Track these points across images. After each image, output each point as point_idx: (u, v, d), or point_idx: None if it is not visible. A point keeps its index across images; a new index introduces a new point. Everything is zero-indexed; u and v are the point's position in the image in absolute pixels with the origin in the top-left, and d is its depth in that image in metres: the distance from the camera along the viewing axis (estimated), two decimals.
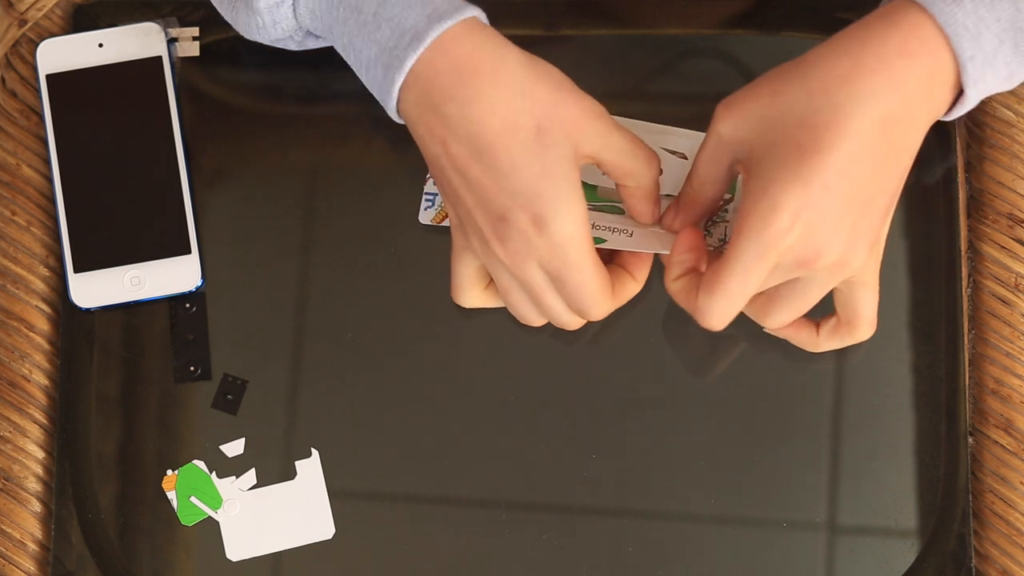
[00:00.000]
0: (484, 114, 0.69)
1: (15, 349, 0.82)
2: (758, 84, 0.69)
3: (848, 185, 0.66)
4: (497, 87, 0.69)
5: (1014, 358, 0.79)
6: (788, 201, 0.66)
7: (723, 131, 0.69)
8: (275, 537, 0.80)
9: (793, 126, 0.66)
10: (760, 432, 0.79)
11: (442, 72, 0.69)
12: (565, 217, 0.69)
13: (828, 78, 0.66)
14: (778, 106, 0.67)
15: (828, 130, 0.66)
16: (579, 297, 0.71)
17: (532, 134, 0.69)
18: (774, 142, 0.67)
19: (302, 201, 0.84)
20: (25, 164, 0.84)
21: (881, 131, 0.66)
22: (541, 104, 0.69)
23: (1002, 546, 0.78)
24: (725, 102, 0.69)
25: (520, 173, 0.69)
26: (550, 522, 0.79)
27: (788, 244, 0.67)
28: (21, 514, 0.81)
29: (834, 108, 0.66)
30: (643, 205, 0.73)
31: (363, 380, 0.81)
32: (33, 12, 0.86)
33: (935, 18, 0.66)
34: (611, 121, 0.71)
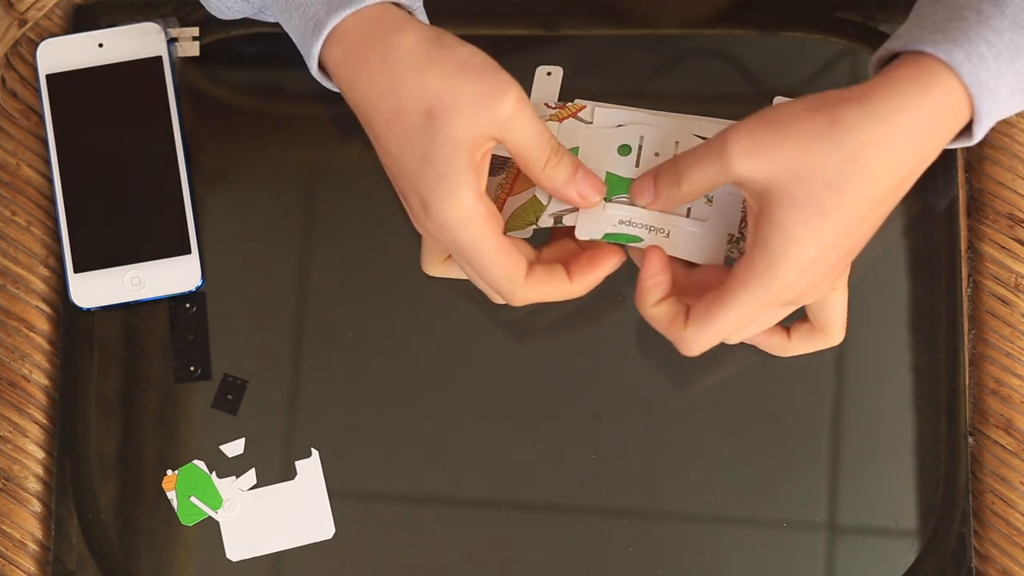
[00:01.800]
0: (375, 102, 0.70)
1: (15, 349, 0.82)
2: (785, 133, 0.67)
3: (853, 239, 0.69)
4: (385, 76, 0.70)
5: (1014, 358, 0.79)
6: (803, 260, 0.67)
7: (738, 169, 0.68)
8: (275, 537, 0.80)
9: (820, 187, 0.66)
10: (760, 432, 0.79)
11: (340, 63, 0.71)
12: (445, 201, 0.69)
13: (864, 146, 0.66)
14: (808, 164, 0.67)
15: (855, 195, 0.67)
16: (484, 278, 0.72)
17: (420, 118, 0.69)
18: (797, 198, 0.67)
19: (302, 201, 0.84)
20: (25, 164, 0.84)
21: (898, 190, 0.68)
22: (431, 89, 0.69)
23: (1002, 546, 0.78)
24: (743, 141, 0.68)
25: (407, 158, 0.70)
26: (550, 522, 0.79)
27: (790, 296, 0.69)
28: (21, 514, 0.81)
29: (864, 175, 0.67)
30: (557, 193, 0.73)
31: (363, 380, 0.81)
32: (33, 12, 0.86)
33: (963, 79, 0.67)
34: (515, 102, 0.70)
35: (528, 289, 0.72)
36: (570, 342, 0.81)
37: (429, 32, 0.71)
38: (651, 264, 0.72)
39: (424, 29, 0.71)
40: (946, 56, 0.67)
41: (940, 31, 0.68)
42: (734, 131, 0.68)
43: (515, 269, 0.72)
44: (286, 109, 0.85)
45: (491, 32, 0.85)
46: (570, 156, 0.73)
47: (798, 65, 0.84)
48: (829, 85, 0.83)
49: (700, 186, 0.71)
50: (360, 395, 0.81)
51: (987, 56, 0.67)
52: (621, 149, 0.76)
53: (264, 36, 0.85)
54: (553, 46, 0.84)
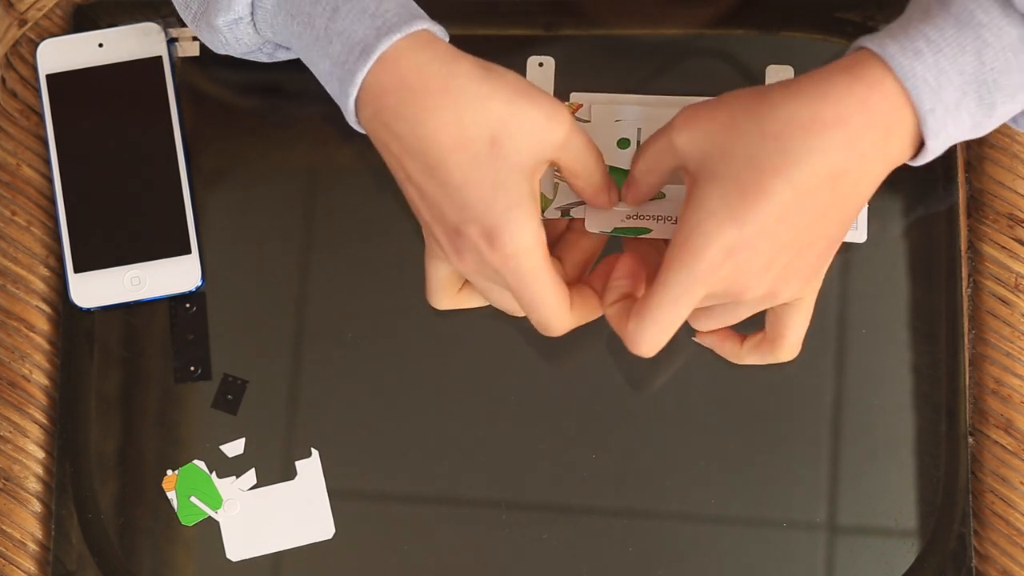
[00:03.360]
0: (435, 131, 0.68)
1: (15, 349, 0.82)
2: (719, 106, 0.68)
3: (785, 231, 0.66)
4: (447, 103, 0.68)
5: (1014, 358, 0.79)
6: (722, 239, 0.66)
7: (676, 140, 0.68)
8: (275, 537, 0.80)
9: (740, 163, 0.66)
10: (760, 432, 0.79)
11: (390, 91, 0.69)
12: (516, 229, 0.68)
13: (785, 126, 0.66)
14: (731, 138, 0.67)
15: (774, 176, 0.65)
16: (535, 310, 0.71)
17: (486, 147, 0.68)
18: (718, 173, 0.66)
19: (302, 201, 0.84)
20: (25, 164, 0.84)
21: (829, 184, 0.66)
22: (495, 115, 0.68)
23: (1002, 546, 0.78)
24: (689, 111, 0.69)
25: (472, 187, 0.68)
26: (550, 522, 0.79)
27: (718, 278, 0.67)
28: (21, 514, 0.81)
29: (784, 156, 0.65)
30: (599, 197, 0.73)
31: (363, 380, 0.81)
32: (33, 12, 0.86)
33: (895, 72, 0.66)
34: (569, 123, 0.70)
35: (572, 318, 0.72)
36: (570, 342, 0.81)
37: (478, 60, 0.70)
38: (619, 268, 0.72)
39: (472, 57, 0.70)
40: (879, 49, 0.66)
41: (885, 29, 0.67)
42: (685, 108, 0.69)
43: (565, 300, 0.71)
44: (286, 109, 0.85)
45: (491, 32, 0.86)
46: (615, 188, 0.74)
47: (798, 65, 0.84)
48: None
49: (652, 166, 0.71)
50: (360, 395, 0.81)
51: (924, 51, 0.66)
52: (620, 143, 0.76)
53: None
54: (553, 46, 0.84)
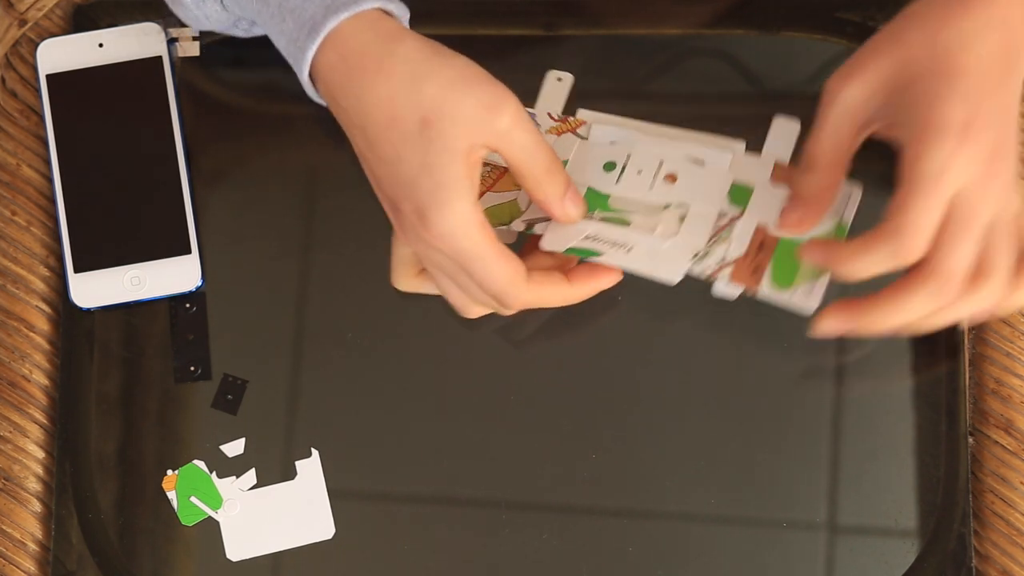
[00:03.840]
0: (372, 108, 0.70)
1: (15, 349, 0.82)
2: (871, 47, 0.70)
3: (990, 94, 0.68)
4: (382, 82, 0.70)
5: (1014, 358, 0.79)
6: (955, 112, 0.68)
7: (849, 98, 0.70)
8: (275, 537, 0.80)
9: (927, 57, 0.68)
10: (760, 432, 0.79)
11: (336, 67, 0.71)
12: (443, 210, 0.69)
13: (945, 16, 0.69)
14: (905, 47, 0.69)
15: (961, 54, 0.68)
16: (486, 285, 0.71)
17: (416, 127, 0.69)
18: (914, 74, 0.69)
19: (302, 201, 0.84)
20: (25, 164, 0.84)
21: (1002, 56, 0.69)
22: (428, 97, 0.69)
23: (1002, 546, 0.78)
24: (838, 75, 0.71)
25: (404, 165, 0.70)
26: (550, 522, 0.79)
27: (966, 157, 0.68)
28: (21, 514, 0.81)
29: (960, 38, 0.68)
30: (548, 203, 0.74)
31: (363, 380, 0.81)
32: (33, 12, 0.86)
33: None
34: (512, 115, 0.70)
35: (530, 291, 0.72)
36: (570, 342, 0.81)
37: (426, 42, 0.71)
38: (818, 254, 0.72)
39: (420, 38, 0.71)
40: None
41: None
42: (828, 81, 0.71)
43: (517, 272, 0.72)
44: (286, 109, 0.85)
45: (491, 32, 0.86)
46: (563, 172, 0.73)
47: (798, 65, 0.84)
48: None
49: (834, 149, 0.72)
50: (360, 395, 0.81)
51: None
52: (606, 166, 0.77)
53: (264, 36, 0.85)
54: (553, 46, 0.84)
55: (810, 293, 0.73)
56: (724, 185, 0.76)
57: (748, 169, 0.76)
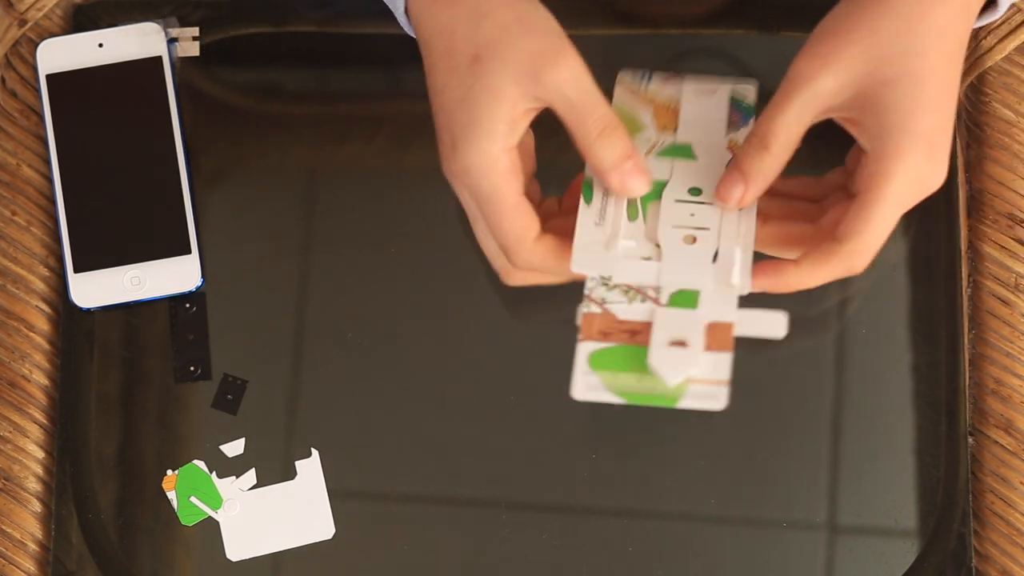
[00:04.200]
0: (432, 36, 0.71)
1: (15, 349, 0.82)
2: (843, 29, 0.69)
3: (948, 100, 0.69)
4: (445, 12, 0.71)
5: (1014, 358, 0.79)
6: (925, 130, 0.68)
7: (819, 86, 0.69)
8: (275, 537, 0.80)
9: (903, 57, 0.68)
10: (760, 432, 0.79)
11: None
12: (470, 145, 0.69)
13: (920, 7, 0.68)
14: (882, 41, 0.68)
15: (935, 55, 0.68)
16: (496, 233, 0.71)
17: (466, 60, 0.70)
18: (889, 77, 0.68)
19: (302, 201, 0.84)
20: (25, 164, 0.84)
21: (959, 45, 0.70)
22: (483, 34, 0.69)
23: (1002, 546, 0.78)
24: (812, 56, 0.69)
25: (447, 95, 0.70)
26: (550, 522, 0.79)
27: (927, 174, 0.68)
28: (21, 514, 0.81)
29: (935, 32, 0.68)
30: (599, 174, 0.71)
31: (363, 380, 0.81)
32: (33, 12, 0.86)
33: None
34: (570, 72, 0.69)
35: (534, 252, 0.71)
36: (570, 343, 0.81)
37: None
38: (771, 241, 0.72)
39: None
40: None
41: None
42: (800, 59, 0.70)
43: (527, 229, 0.71)
44: (286, 109, 0.85)
45: None
46: (625, 140, 0.71)
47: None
48: None
49: (792, 131, 0.70)
50: (360, 395, 0.81)
51: None
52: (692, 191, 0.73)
53: (264, 36, 0.85)
54: None
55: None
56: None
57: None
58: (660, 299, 0.70)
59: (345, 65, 0.76)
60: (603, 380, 0.70)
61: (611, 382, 0.70)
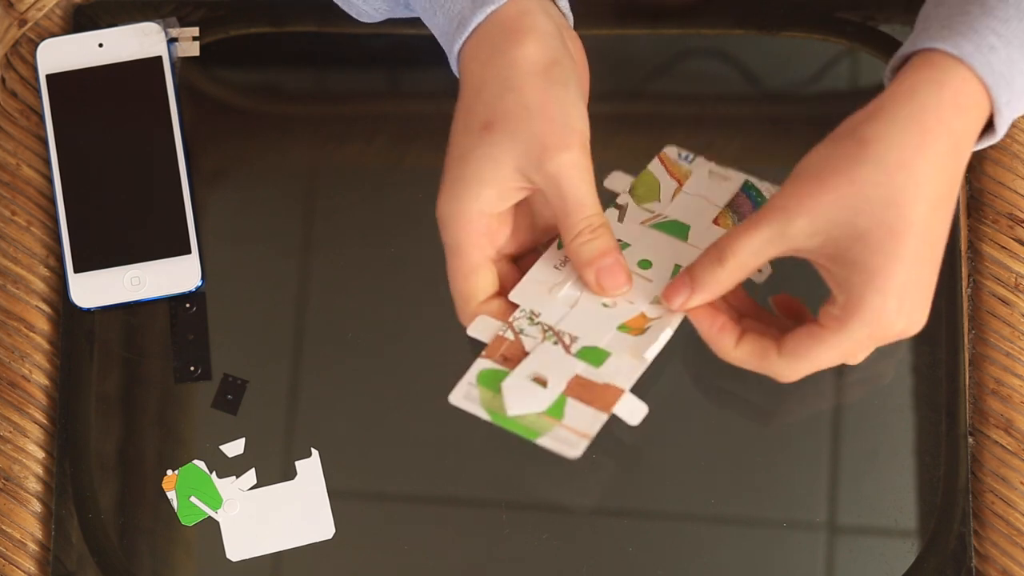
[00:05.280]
0: (465, 89, 0.71)
1: (15, 349, 0.82)
2: (823, 173, 0.67)
3: (929, 251, 0.68)
4: (484, 72, 0.70)
5: (1014, 358, 0.79)
6: (895, 287, 0.67)
7: (793, 225, 0.67)
8: (275, 537, 0.80)
9: (880, 210, 0.66)
10: (760, 432, 0.79)
11: (467, 58, 0.71)
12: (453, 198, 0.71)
13: (903, 152, 0.66)
14: (857, 191, 0.66)
15: (913, 204, 0.66)
16: (450, 282, 0.73)
17: (479, 124, 0.70)
18: (861, 229, 0.66)
19: (302, 201, 0.84)
20: (25, 164, 0.84)
21: (948, 190, 0.68)
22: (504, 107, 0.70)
23: (1002, 546, 0.78)
24: (790, 196, 0.68)
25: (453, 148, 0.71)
26: (550, 522, 0.79)
27: (895, 325, 0.68)
28: (21, 514, 0.81)
29: (915, 181, 0.66)
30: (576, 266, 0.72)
31: (363, 380, 0.81)
32: (33, 12, 0.86)
33: (975, 71, 0.67)
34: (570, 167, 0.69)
35: (476, 313, 0.73)
36: None
37: (545, 54, 0.70)
38: (702, 319, 0.71)
39: (544, 49, 0.70)
40: (955, 50, 0.67)
41: (946, 27, 0.68)
42: (776, 197, 0.68)
43: (477, 292, 0.72)
44: (286, 109, 0.85)
45: None
46: (606, 239, 0.71)
47: (798, 65, 0.84)
48: (829, 85, 0.84)
49: (751, 258, 0.69)
50: (360, 395, 0.81)
51: (997, 46, 0.67)
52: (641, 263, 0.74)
53: (264, 36, 0.85)
54: None
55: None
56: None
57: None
58: (571, 348, 0.72)
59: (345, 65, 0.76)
60: (481, 396, 0.71)
61: (488, 400, 0.71)
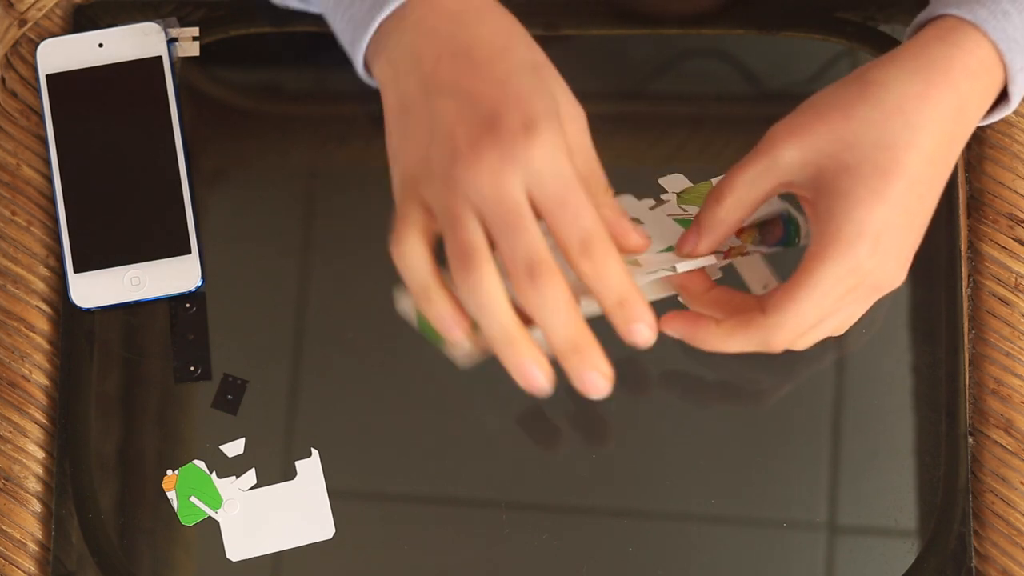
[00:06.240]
0: (483, 32, 0.68)
1: (15, 349, 0.82)
2: (822, 107, 0.68)
3: (915, 202, 0.68)
4: (498, 17, 0.68)
5: (1014, 358, 0.79)
6: (873, 224, 0.67)
7: (784, 155, 0.68)
8: (275, 537, 0.80)
9: (870, 147, 0.67)
10: (760, 432, 0.79)
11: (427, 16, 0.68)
12: (556, 128, 0.64)
13: (903, 98, 0.67)
14: (852, 128, 0.67)
15: (907, 149, 0.67)
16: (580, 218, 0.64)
17: (528, 65, 0.67)
18: (850, 163, 0.67)
19: (302, 201, 0.84)
20: (25, 164, 0.84)
21: (946, 147, 0.68)
22: (541, 54, 0.68)
23: (1002, 546, 0.78)
24: (785, 126, 0.68)
25: (516, 80, 0.66)
26: (550, 522, 0.79)
27: (869, 268, 0.68)
28: (21, 514, 0.81)
29: (911, 128, 0.67)
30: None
31: (363, 380, 0.81)
32: (33, 12, 0.86)
33: (989, 35, 0.68)
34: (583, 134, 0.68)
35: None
36: None
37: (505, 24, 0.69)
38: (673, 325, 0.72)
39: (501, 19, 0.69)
40: (970, 15, 0.67)
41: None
42: (774, 126, 0.69)
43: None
44: (286, 109, 0.85)
45: None
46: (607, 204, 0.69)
47: (798, 65, 0.84)
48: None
49: (749, 192, 0.69)
50: (360, 395, 0.81)
51: (1011, 12, 0.67)
52: None
53: (264, 36, 0.85)
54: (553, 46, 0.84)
55: None
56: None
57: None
58: None
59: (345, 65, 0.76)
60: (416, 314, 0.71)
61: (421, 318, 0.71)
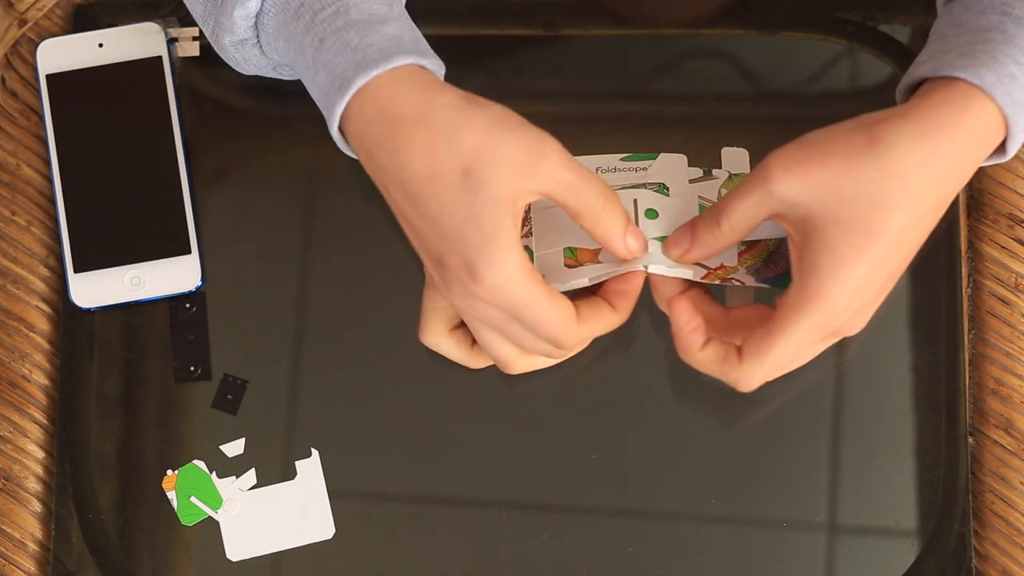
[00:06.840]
0: (410, 160, 0.69)
1: (15, 349, 0.82)
2: (825, 151, 0.68)
3: (893, 258, 0.68)
4: (421, 133, 0.68)
5: (1014, 358, 0.79)
6: (853, 282, 0.67)
7: (779, 189, 0.68)
8: (275, 537, 0.80)
9: (864, 205, 0.67)
10: (760, 432, 0.79)
11: (372, 120, 0.70)
12: (493, 261, 0.68)
13: (906, 163, 0.67)
14: (851, 181, 0.67)
15: (896, 212, 0.67)
16: (542, 331, 0.70)
17: (459, 177, 0.68)
18: (841, 217, 0.67)
19: (302, 201, 0.84)
20: (25, 164, 0.84)
21: (936, 209, 0.69)
22: (468, 146, 0.68)
23: (1002, 546, 0.78)
24: (784, 161, 0.68)
25: (448, 218, 0.68)
26: (550, 522, 0.79)
27: (842, 320, 0.69)
28: (21, 514, 0.81)
29: (906, 192, 0.67)
30: (608, 243, 0.72)
31: (363, 380, 0.81)
32: (33, 12, 0.86)
33: (996, 100, 0.68)
34: (559, 157, 0.69)
35: (583, 328, 0.72)
36: None
37: (462, 93, 0.70)
38: (680, 313, 0.71)
39: (457, 90, 0.70)
40: (978, 80, 0.68)
41: (967, 55, 0.68)
42: (774, 155, 0.69)
43: (570, 312, 0.71)
44: (286, 109, 0.85)
45: (491, 32, 0.86)
46: (620, 207, 0.71)
47: (798, 65, 0.84)
48: (829, 85, 0.84)
49: (743, 219, 0.70)
50: (360, 395, 0.81)
51: (1017, 74, 0.68)
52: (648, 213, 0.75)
53: None
54: (553, 46, 0.84)
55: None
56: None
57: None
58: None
59: None
60: None
61: None
